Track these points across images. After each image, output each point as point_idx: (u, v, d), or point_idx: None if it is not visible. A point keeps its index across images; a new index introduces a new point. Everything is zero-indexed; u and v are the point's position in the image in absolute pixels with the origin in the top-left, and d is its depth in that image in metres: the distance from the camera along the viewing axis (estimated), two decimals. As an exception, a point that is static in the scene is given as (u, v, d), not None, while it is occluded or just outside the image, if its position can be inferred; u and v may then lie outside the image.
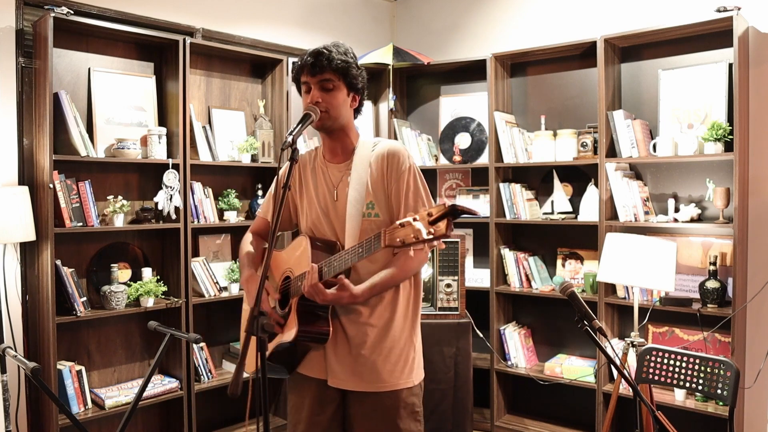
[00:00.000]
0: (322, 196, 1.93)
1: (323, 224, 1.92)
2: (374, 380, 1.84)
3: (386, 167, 1.86)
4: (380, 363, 1.85)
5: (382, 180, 1.86)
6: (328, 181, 1.93)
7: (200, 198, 3.41)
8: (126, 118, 3.25)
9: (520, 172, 3.92)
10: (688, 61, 3.31)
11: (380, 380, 1.85)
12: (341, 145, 1.93)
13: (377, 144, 1.93)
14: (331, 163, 1.95)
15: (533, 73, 3.90)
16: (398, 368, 1.87)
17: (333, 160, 1.95)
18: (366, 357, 1.84)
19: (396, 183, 1.85)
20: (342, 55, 1.85)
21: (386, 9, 4.73)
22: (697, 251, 3.29)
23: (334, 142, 1.93)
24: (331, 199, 1.91)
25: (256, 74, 3.86)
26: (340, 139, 1.93)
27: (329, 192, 1.92)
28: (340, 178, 1.91)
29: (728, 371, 2.27)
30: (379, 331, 1.86)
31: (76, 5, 3.09)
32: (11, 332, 2.90)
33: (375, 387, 1.84)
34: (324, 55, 1.83)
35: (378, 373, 1.84)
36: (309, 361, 1.91)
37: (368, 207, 1.85)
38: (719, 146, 3.05)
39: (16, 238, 2.79)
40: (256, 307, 1.49)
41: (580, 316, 1.77)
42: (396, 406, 1.86)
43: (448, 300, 3.34)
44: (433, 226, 1.42)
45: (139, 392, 2.40)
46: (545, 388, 3.66)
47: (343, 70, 1.84)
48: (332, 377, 1.87)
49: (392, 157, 1.87)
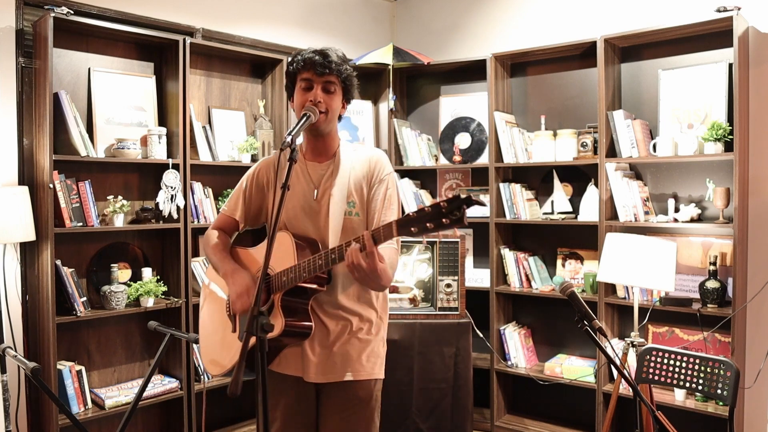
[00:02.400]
0: (302, 194, 1.95)
1: (302, 221, 1.94)
2: (350, 369, 1.91)
3: (369, 171, 1.94)
4: (356, 353, 1.91)
5: (365, 182, 1.93)
6: (309, 180, 1.95)
7: (200, 198, 3.41)
8: (126, 118, 3.25)
9: (520, 172, 3.92)
10: (688, 61, 3.31)
11: (355, 369, 1.91)
12: (326, 146, 1.97)
13: (358, 148, 2.01)
14: (313, 162, 1.97)
15: (533, 73, 3.90)
16: (371, 360, 1.94)
17: (315, 159, 1.97)
18: (343, 348, 1.90)
19: (377, 186, 1.93)
20: (344, 62, 1.91)
21: (386, 9, 4.73)
22: (697, 251, 3.29)
23: (320, 142, 1.96)
24: (312, 197, 1.93)
25: (256, 74, 3.86)
26: (327, 141, 1.96)
27: (310, 190, 1.94)
28: (322, 177, 1.94)
29: (728, 371, 2.27)
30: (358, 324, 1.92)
31: (76, 5, 3.09)
32: (11, 332, 2.90)
33: (350, 376, 1.90)
34: (331, 57, 1.86)
35: (353, 362, 1.91)
36: (284, 359, 1.94)
37: (349, 206, 1.92)
38: (719, 146, 3.05)
39: (16, 238, 2.79)
40: (256, 306, 1.49)
41: (580, 316, 1.77)
42: (369, 397, 1.94)
43: (448, 300, 3.34)
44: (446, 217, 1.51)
45: (139, 392, 2.40)
46: (545, 388, 3.66)
47: (347, 78, 1.91)
48: (308, 373, 1.90)
49: (377, 162, 1.96)
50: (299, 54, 1.90)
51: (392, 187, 1.95)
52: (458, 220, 1.50)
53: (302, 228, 1.93)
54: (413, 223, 1.57)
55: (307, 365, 1.90)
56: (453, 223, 1.50)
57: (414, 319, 3.26)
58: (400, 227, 1.60)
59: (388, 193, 1.93)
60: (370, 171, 1.94)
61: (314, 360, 1.89)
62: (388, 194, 1.93)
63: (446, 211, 1.50)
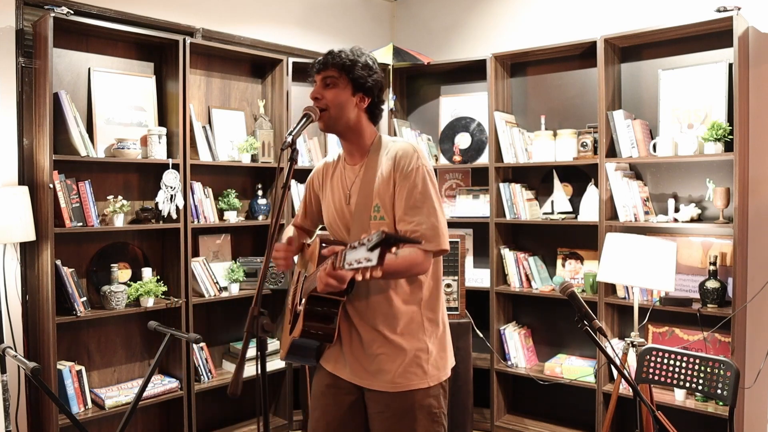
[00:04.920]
0: (337, 198, 1.93)
1: (338, 225, 1.92)
2: (387, 381, 1.82)
3: (393, 168, 1.80)
4: (390, 364, 1.82)
5: (389, 181, 1.80)
6: (344, 183, 1.92)
7: (200, 198, 3.41)
8: (126, 118, 3.25)
9: (520, 172, 3.92)
10: (688, 61, 3.31)
11: (392, 381, 1.82)
12: (355, 146, 1.91)
13: (392, 144, 1.88)
14: (348, 164, 1.94)
15: (533, 73, 3.90)
16: (411, 369, 1.82)
17: (350, 161, 1.94)
18: (377, 357, 1.83)
19: (400, 184, 1.78)
20: (350, 54, 1.82)
21: (386, 9, 4.73)
22: (697, 251, 3.29)
23: (347, 143, 1.92)
24: (345, 201, 1.90)
25: (256, 74, 3.86)
26: (353, 140, 1.90)
27: (344, 194, 1.91)
28: (353, 180, 1.89)
29: (728, 371, 2.27)
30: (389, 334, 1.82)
31: (76, 5, 3.09)
32: (11, 332, 2.90)
33: (387, 387, 1.82)
34: (332, 53, 1.83)
35: (389, 373, 1.82)
36: (328, 355, 1.95)
37: (375, 210, 1.81)
38: (719, 146, 3.05)
39: (16, 238, 2.79)
40: (256, 306, 1.49)
41: (580, 316, 1.77)
42: (411, 408, 1.82)
43: (448, 300, 3.34)
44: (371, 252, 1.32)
45: (139, 392, 2.41)
46: (545, 388, 3.66)
47: (347, 67, 1.81)
48: (344, 371, 1.89)
49: (402, 157, 1.80)
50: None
51: (419, 184, 1.77)
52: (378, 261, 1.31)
53: (339, 234, 1.93)
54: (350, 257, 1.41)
55: (344, 364, 1.89)
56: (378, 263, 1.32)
57: (414, 319, 3.25)
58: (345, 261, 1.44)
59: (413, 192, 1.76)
60: (393, 168, 1.80)
61: (351, 361, 1.87)
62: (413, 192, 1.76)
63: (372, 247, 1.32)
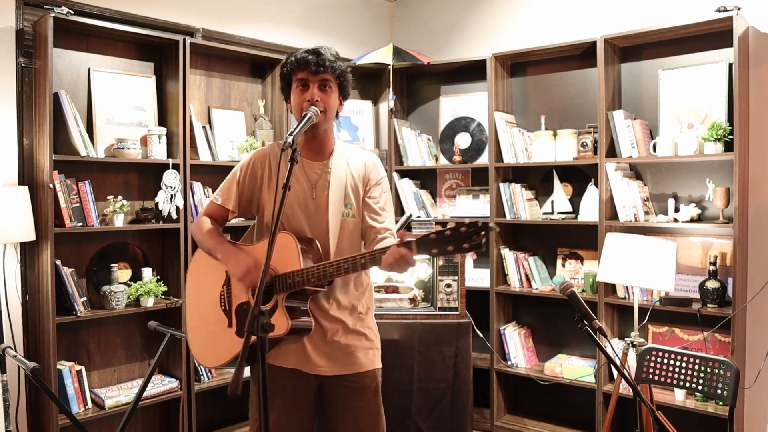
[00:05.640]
0: (300, 192, 1.95)
1: (299, 218, 1.94)
2: (352, 363, 1.96)
3: (366, 174, 2.00)
4: (354, 347, 1.97)
5: (361, 185, 1.99)
6: (306, 178, 1.96)
7: (200, 198, 3.41)
8: (126, 118, 3.25)
9: (520, 172, 3.92)
10: (688, 61, 3.31)
11: (357, 362, 1.97)
12: (322, 145, 1.99)
13: (354, 149, 2.07)
14: (309, 160, 1.98)
15: (533, 73, 3.90)
16: (371, 352, 2.01)
17: (312, 158, 1.98)
18: (341, 343, 1.95)
19: (373, 189, 2.00)
20: (338, 59, 1.94)
21: (386, 9, 4.73)
22: (697, 251, 3.29)
23: (316, 141, 1.98)
24: (309, 195, 1.95)
25: (256, 74, 3.86)
26: (324, 140, 1.99)
27: (307, 188, 1.96)
28: (319, 177, 1.97)
29: (728, 371, 2.27)
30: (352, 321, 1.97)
31: (76, 5, 3.09)
32: (11, 332, 2.90)
33: (353, 369, 1.96)
34: (324, 55, 1.88)
35: (354, 356, 1.97)
36: (282, 353, 1.94)
37: (347, 208, 1.97)
38: (719, 146, 3.05)
39: (16, 238, 2.79)
40: (256, 306, 1.50)
41: (580, 316, 1.77)
42: (375, 386, 2.01)
43: (448, 300, 3.34)
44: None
45: (139, 392, 2.41)
46: (545, 388, 3.66)
47: (342, 74, 1.93)
48: (310, 365, 1.93)
49: (374, 166, 2.04)
50: (292, 55, 1.92)
51: (387, 191, 2.05)
52: (478, 245, 1.58)
53: (298, 225, 1.95)
54: (434, 244, 1.63)
55: (309, 358, 1.93)
56: (473, 248, 1.59)
57: (414, 319, 3.26)
58: (420, 247, 1.66)
59: (384, 198, 2.02)
60: (366, 174, 2.01)
61: (314, 353, 1.93)
62: (384, 198, 2.02)
63: (466, 236, 1.58)
